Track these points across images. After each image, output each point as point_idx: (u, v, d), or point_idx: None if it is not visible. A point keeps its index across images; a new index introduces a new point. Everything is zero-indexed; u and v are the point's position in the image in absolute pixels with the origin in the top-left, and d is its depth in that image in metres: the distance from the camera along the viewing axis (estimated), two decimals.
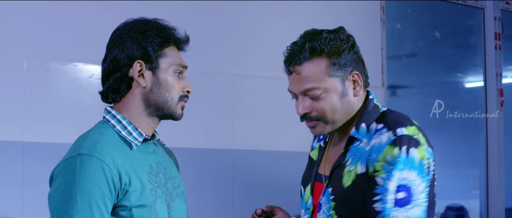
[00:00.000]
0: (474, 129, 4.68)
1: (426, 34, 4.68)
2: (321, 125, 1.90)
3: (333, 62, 1.85)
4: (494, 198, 4.59)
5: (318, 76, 1.86)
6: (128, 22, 1.88)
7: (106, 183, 1.72)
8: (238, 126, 3.44)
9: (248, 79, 3.50)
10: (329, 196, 1.87)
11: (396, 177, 1.76)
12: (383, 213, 1.77)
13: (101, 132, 1.81)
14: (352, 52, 1.89)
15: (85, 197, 1.69)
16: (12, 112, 2.86)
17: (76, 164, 1.71)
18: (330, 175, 1.89)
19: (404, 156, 1.77)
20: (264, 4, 3.59)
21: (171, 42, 1.86)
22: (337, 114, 1.88)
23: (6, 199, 2.81)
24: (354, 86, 1.89)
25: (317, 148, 2.05)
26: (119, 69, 1.83)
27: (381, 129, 1.84)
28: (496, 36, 4.64)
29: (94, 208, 1.69)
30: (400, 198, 1.76)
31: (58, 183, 1.73)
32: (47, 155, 2.90)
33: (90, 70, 3.04)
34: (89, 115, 3.00)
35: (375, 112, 1.90)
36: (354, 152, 1.86)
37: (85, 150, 1.74)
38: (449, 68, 4.91)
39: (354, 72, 1.88)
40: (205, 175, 3.30)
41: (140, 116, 1.84)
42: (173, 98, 1.84)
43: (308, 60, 1.87)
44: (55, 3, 2.98)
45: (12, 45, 2.89)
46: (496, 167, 4.60)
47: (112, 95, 1.86)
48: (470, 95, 4.94)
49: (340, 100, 1.87)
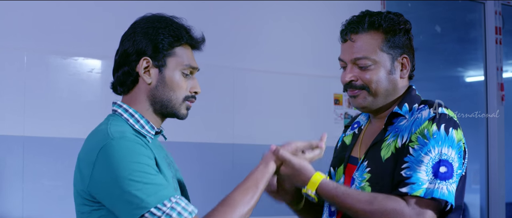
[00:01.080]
0: (474, 123, 4.67)
1: (427, 28, 4.68)
2: (364, 94, 1.95)
3: (388, 39, 1.93)
4: (494, 192, 4.59)
5: (371, 48, 1.93)
6: (146, 17, 1.87)
7: (151, 153, 1.74)
8: (239, 120, 3.44)
9: (249, 73, 3.50)
10: (364, 169, 1.92)
11: (436, 152, 1.82)
12: (412, 180, 1.81)
13: (119, 125, 1.80)
14: (406, 36, 1.96)
15: (143, 164, 1.69)
16: (13, 106, 2.85)
17: (115, 145, 1.70)
18: (367, 151, 1.94)
19: (443, 134, 1.84)
20: (265, 0, 3.60)
21: (182, 41, 1.85)
22: (381, 87, 1.94)
23: (7, 193, 2.81)
24: (401, 68, 1.96)
25: (350, 134, 2.09)
26: (128, 63, 1.83)
27: (423, 107, 1.92)
28: (497, 30, 4.63)
29: (156, 171, 1.71)
30: (443, 172, 1.81)
31: (104, 168, 1.69)
32: (47, 149, 2.90)
33: (91, 65, 3.03)
34: (89, 109, 3.00)
35: (417, 97, 1.97)
36: (395, 128, 1.92)
37: (116, 134, 1.73)
38: (449, 63, 4.90)
39: (404, 55, 1.96)
40: (206, 169, 3.30)
41: (148, 111, 1.84)
42: (177, 98, 1.84)
43: (366, 31, 1.94)
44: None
45: (13, 39, 2.88)
46: (496, 162, 4.59)
47: (119, 88, 1.86)
48: (470, 90, 4.94)
49: (386, 76, 1.94)
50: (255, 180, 1.81)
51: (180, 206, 1.69)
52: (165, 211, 1.66)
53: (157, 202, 1.66)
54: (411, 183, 1.81)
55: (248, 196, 1.77)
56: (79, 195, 1.78)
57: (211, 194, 3.30)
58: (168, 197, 1.68)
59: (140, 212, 1.65)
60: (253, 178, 1.82)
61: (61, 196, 2.91)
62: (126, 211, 1.66)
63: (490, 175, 4.63)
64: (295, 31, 3.68)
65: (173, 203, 1.68)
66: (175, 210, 1.67)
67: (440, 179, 1.81)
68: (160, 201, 1.66)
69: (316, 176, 1.86)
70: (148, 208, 1.65)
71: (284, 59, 3.62)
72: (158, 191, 1.67)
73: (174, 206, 1.68)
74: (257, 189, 1.79)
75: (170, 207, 1.67)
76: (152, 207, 1.65)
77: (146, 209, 1.65)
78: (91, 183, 1.71)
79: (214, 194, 1.80)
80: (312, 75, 3.68)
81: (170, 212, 1.67)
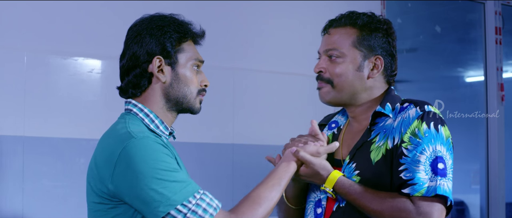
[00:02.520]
0: (475, 123, 4.67)
1: (427, 28, 4.68)
2: (328, 88, 1.99)
3: (363, 36, 1.96)
4: (494, 192, 4.59)
5: (343, 41, 1.97)
6: (145, 18, 1.90)
7: (172, 152, 1.77)
8: (239, 120, 3.44)
9: (249, 73, 3.50)
10: (352, 172, 1.94)
11: (431, 150, 1.85)
12: (414, 180, 1.84)
13: (136, 123, 1.82)
14: (385, 39, 1.98)
15: (167, 163, 1.71)
16: (13, 106, 2.85)
17: (137, 144, 1.71)
18: (354, 153, 1.95)
19: (433, 131, 1.86)
20: (265, 0, 3.60)
21: (188, 37, 1.89)
22: (346, 83, 1.96)
23: (7, 193, 2.81)
24: (372, 68, 1.97)
25: (330, 135, 2.11)
26: (139, 65, 1.85)
27: (407, 106, 1.93)
28: (497, 30, 4.63)
29: (179, 169, 1.74)
30: (441, 169, 1.85)
31: (127, 168, 1.70)
32: (47, 149, 2.90)
33: (91, 65, 3.04)
34: (89, 109, 3.00)
35: (397, 97, 1.99)
36: (381, 129, 1.93)
37: (138, 134, 1.74)
38: (449, 63, 4.90)
39: (379, 56, 1.97)
40: (206, 169, 3.30)
41: (161, 110, 1.87)
42: (192, 92, 1.88)
43: (342, 26, 1.99)
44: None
45: (13, 39, 2.88)
46: (496, 161, 4.59)
47: (132, 91, 1.87)
48: (470, 90, 4.94)
49: (353, 72, 1.96)
50: (279, 178, 1.85)
51: (205, 202, 1.72)
52: (190, 207, 1.70)
53: (183, 200, 1.69)
54: (412, 184, 1.84)
55: (272, 192, 1.81)
56: (94, 193, 1.79)
57: (211, 194, 3.29)
58: (193, 194, 1.71)
59: (167, 209, 1.68)
60: (277, 176, 1.86)
61: (61, 196, 2.91)
62: (152, 209, 1.69)
63: (490, 175, 4.63)
64: (295, 31, 3.68)
65: (198, 199, 1.71)
66: (201, 207, 1.71)
67: (440, 175, 1.84)
68: (186, 198, 1.70)
69: (334, 174, 1.91)
70: (174, 205, 1.68)
71: (284, 59, 3.62)
72: (182, 188, 1.70)
73: (199, 202, 1.71)
74: (280, 187, 1.84)
75: (195, 203, 1.70)
76: (178, 204, 1.69)
77: (173, 206, 1.68)
78: (112, 182, 1.73)
79: (214, 194, 1.80)
80: (312, 76, 3.65)
81: (195, 209, 1.70)
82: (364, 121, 2.00)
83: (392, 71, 2.01)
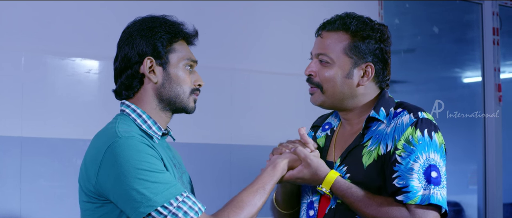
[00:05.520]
0: (472, 124, 4.68)
1: (424, 29, 4.68)
2: (318, 93, 1.99)
3: (355, 43, 1.95)
4: (492, 193, 4.59)
5: (334, 47, 1.96)
6: (137, 20, 1.91)
7: (157, 153, 1.77)
8: (237, 121, 3.44)
9: (247, 74, 3.50)
10: (343, 174, 1.93)
11: (424, 158, 1.85)
12: (408, 188, 1.84)
13: (127, 124, 1.83)
14: (378, 46, 1.96)
15: (150, 163, 1.72)
16: (10, 107, 2.85)
17: (122, 144, 1.72)
18: (346, 155, 1.95)
19: (427, 139, 1.86)
20: (264, 1, 3.60)
21: (179, 37, 1.90)
22: (335, 89, 1.96)
23: (4, 194, 2.81)
24: (362, 75, 1.96)
25: (323, 136, 2.10)
26: (130, 66, 1.86)
27: (401, 112, 1.92)
28: (494, 31, 4.63)
29: (164, 170, 1.74)
30: (435, 177, 1.84)
31: (111, 167, 1.72)
32: (45, 149, 2.90)
33: (88, 65, 3.03)
34: (87, 109, 3.00)
35: (391, 100, 1.98)
36: (374, 133, 1.93)
37: (124, 134, 1.75)
38: (447, 64, 4.91)
39: (370, 64, 1.95)
40: (203, 169, 3.30)
41: (155, 110, 1.88)
42: (184, 92, 1.88)
43: (335, 30, 1.96)
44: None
45: (10, 39, 2.88)
46: (494, 162, 4.60)
47: (125, 92, 1.89)
48: (468, 90, 4.94)
49: (341, 79, 1.95)
50: (263, 182, 1.85)
51: (187, 205, 1.72)
52: (171, 210, 1.70)
53: (164, 201, 1.69)
54: (406, 192, 1.84)
55: (256, 197, 1.81)
56: (83, 193, 1.81)
57: (208, 194, 3.30)
58: (175, 196, 1.71)
59: (147, 210, 1.68)
60: (262, 180, 1.86)
61: (58, 196, 2.91)
62: (133, 209, 1.69)
63: (488, 175, 4.63)
64: (292, 32, 3.68)
65: (180, 201, 1.71)
66: (181, 209, 1.71)
67: (433, 184, 1.84)
68: (167, 200, 1.70)
69: (331, 174, 1.91)
70: (155, 206, 1.68)
71: (283, 60, 3.62)
72: (165, 190, 1.70)
73: (181, 205, 1.71)
74: (264, 191, 1.84)
75: (176, 206, 1.70)
76: (158, 205, 1.68)
77: (153, 207, 1.68)
78: (97, 181, 1.74)
79: (211, 195, 1.80)
80: None
81: (176, 212, 1.70)
82: (356, 124, 2.00)
83: (384, 77, 1.99)
